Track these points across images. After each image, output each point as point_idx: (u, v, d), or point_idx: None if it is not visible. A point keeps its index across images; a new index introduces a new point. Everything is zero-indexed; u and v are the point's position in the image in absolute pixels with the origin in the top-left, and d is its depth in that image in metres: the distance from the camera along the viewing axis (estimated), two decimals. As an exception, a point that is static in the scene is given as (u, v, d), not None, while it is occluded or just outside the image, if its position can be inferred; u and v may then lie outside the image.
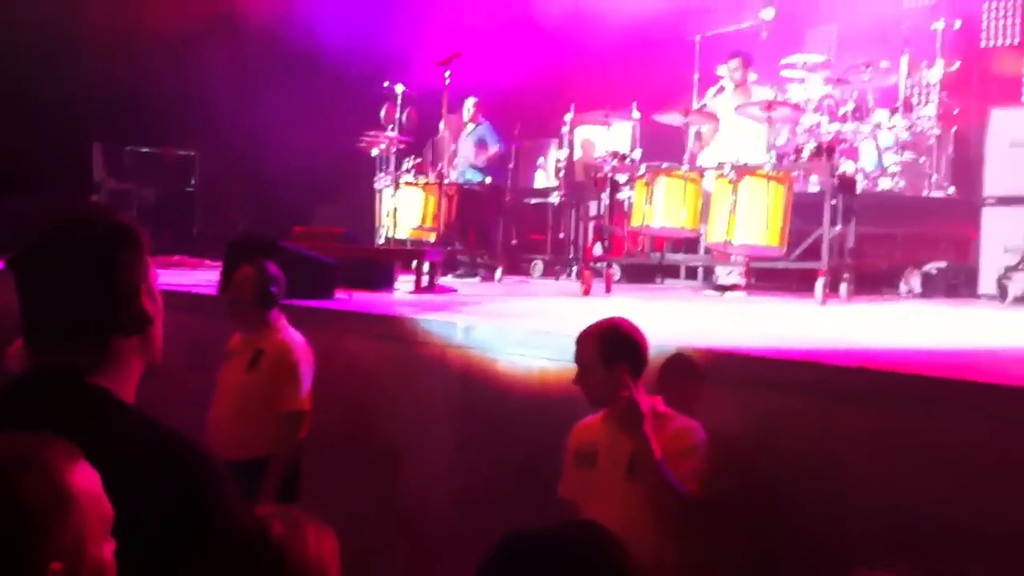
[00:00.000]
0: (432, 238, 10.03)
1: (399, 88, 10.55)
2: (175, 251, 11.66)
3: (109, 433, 1.74)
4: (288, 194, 13.12)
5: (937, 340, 5.26)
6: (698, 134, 9.40)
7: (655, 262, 9.41)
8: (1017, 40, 11.23)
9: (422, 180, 10.16)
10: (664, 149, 9.30)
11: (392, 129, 10.51)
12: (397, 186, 10.02)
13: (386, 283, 8.43)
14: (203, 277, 8.57)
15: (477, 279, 10.52)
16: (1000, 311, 7.10)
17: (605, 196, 8.68)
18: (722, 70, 9.61)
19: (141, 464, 1.74)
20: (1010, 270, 7.48)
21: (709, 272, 9.25)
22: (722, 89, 9.59)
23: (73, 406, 1.80)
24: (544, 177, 12.43)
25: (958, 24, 9.93)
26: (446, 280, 9.33)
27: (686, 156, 8.59)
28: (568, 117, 11.45)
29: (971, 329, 6.15)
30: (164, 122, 13.37)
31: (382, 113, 10.67)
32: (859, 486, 3.61)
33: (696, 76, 10.05)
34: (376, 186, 10.85)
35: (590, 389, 3.90)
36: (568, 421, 4.09)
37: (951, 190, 9.47)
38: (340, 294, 7.15)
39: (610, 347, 3.87)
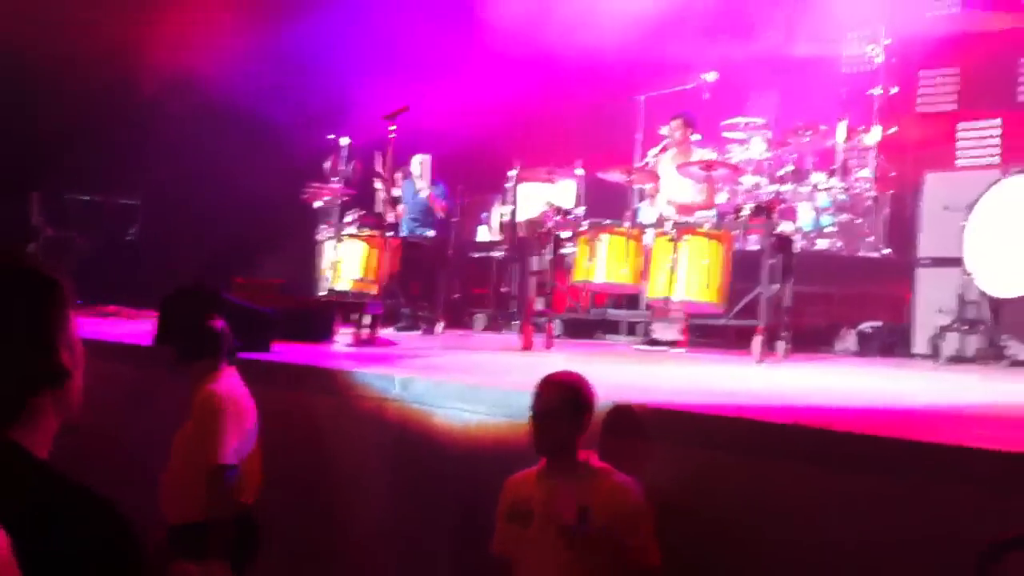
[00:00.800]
0: (374, 290, 9.97)
1: (344, 140, 10.55)
2: (113, 300, 11.47)
3: (17, 490, 1.68)
4: (230, 244, 12.99)
5: (871, 398, 5.32)
6: (640, 192, 9.49)
7: (596, 318, 9.44)
8: (953, 106, 11.51)
9: (365, 232, 10.13)
10: (607, 206, 9.37)
11: (336, 181, 10.49)
12: (339, 238, 9.98)
13: (326, 335, 8.36)
14: (140, 327, 8.43)
15: (418, 332, 10.47)
16: (933, 371, 7.20)
17: (548, 251, 8.72)
18: (665, 130, 9.74)
19: (48, 521, 1.67)
20: (943, 330, 7.60)
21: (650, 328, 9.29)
22: (665, 148, 9.71)
23: None
24: (487, 232, 12.46)
25: (895, 90, 10.16)
26: (387, 333, 9.27)
27: (628, 213, 8.67)
28: (512, 173, 11.51)
29: (904, 388, 6.23)
30: (107, 170, 13.23)
31: (326, 165, 10.66)
32: (792, 541, 3.62)
33: (639, 135, 10.16)
34: (318, 237, 10.80)
35: (549, 439, 3.86)
36: (504, 475, 4.06)
37: (886, 251, 9.63)
38: (276, 347, 7.07)
39: (580, 398, 3.90)
